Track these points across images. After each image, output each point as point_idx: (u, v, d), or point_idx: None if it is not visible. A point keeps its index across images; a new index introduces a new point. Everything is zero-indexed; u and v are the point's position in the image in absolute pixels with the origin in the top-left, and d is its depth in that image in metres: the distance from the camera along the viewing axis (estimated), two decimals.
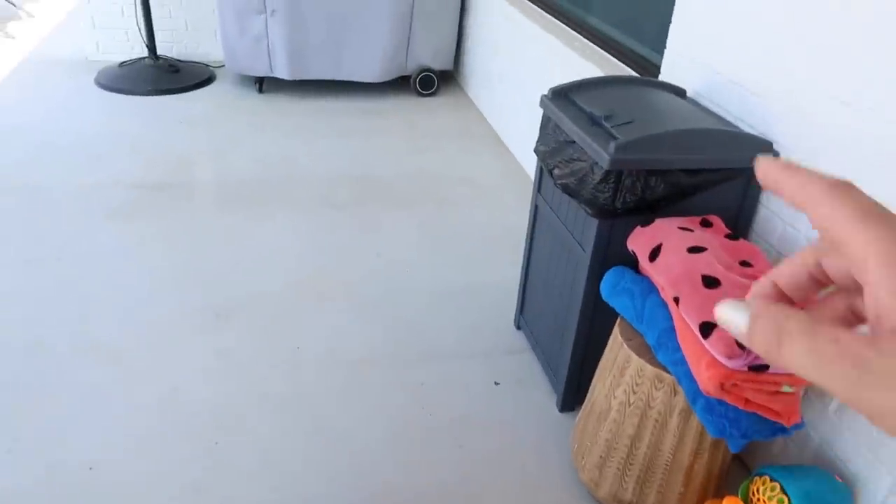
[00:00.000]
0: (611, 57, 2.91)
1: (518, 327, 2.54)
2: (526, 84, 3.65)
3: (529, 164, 3.67)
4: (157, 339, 2.34)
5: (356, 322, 2.51)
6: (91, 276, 2.63)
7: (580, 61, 3.01)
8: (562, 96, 2.07)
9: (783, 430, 1.52)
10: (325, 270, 2.79)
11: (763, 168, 0.32)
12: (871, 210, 0.29)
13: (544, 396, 2.25)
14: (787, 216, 1.81)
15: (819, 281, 0.33)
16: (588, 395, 1.89)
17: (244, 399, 2.13)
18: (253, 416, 2.07)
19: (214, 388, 2.16)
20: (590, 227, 1.87)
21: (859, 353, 0.26)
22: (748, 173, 1.84)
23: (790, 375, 1.44)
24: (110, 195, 3.20)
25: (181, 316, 2.46)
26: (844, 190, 0.30)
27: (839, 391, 0.27)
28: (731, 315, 0.31)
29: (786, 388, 1.44)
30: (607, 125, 1.83)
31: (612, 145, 1.69)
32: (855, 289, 0.30)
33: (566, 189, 1.88)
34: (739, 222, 1.92)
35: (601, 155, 1.72)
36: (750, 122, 1.92)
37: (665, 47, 2.36)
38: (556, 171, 1.94)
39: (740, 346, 1.38)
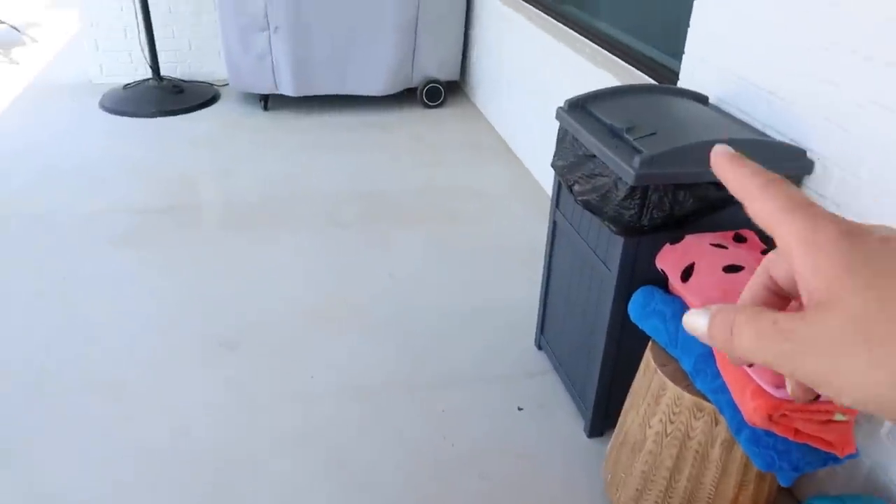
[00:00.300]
0: (624, 63, 2.82)
1: (539, 347, 2.44)
2: (536, 93, 3.57)
3: (541, 174, 3.58)
4: (163, 372, 2.26)
5: (370, 347, 2.42)
6: (95, 305, 2.56)
7: (591, 68, 2.92)
8: (579, 108, 1.97)
9: (835, 459, 1.41)
10: (334, 293, 2.70)
11: (715, 158, 0.35)
12: (796, 202, 0.31)
13: (571, 421, 2.14)
14: None
15: (776, 292, 0.35)
16: (619, 423, 1.79)
17: (256, 435, 2.04)
18: (265, 453, 1.98)
19: (224, 423, 2.08)
20: (615, 246, 1.77)
21: (791, 327, 0.30)
22: None
23: None
24: (115, 220, 3.14)
25: (187, 346, 2.38)
26: (776, 185, 0.32)
27: (783, 367, 0.30)
28: (694, 319, 0.34)
29: (838, 417, 1.34)
30: (629, 138, 1.74)
31: (637, 159, 1.60)
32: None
33: (588, 206, 1.79)
34: None
35: (625, 170, 1.63)
36: (780, 129, 1.82)
37: (683, 52, 2.27)
38: (576, 187, 1.84)
39: None
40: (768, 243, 1.80)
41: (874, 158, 1.54)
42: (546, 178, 3.50)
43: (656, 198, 1.64)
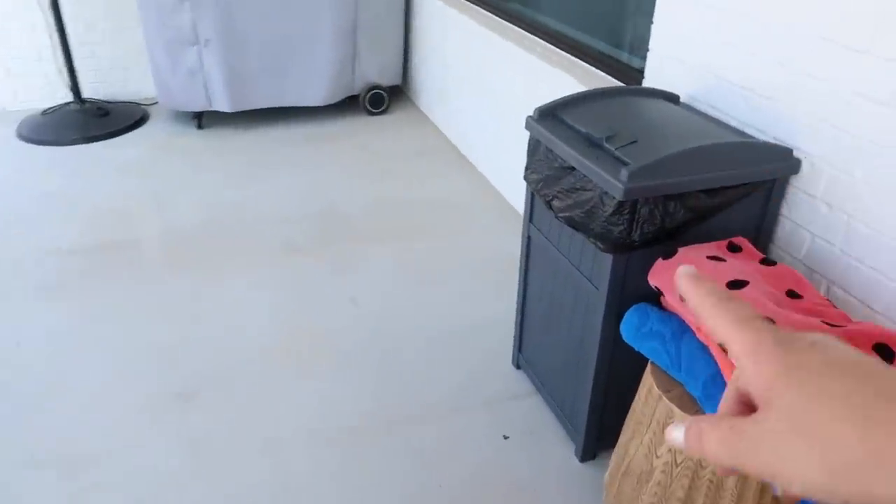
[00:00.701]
0: (581, 62, 2.72)
1: (518, 367, 2.32)
2: (487, 95, 3.44)
3: (500, 181, 3.47)
4: (117, 436, 2.04)
5: (340, 384, 2.25)
6: (29, 371, 2.29)
7: (545, 67, 2.81)
8: (549, 116, 1.85)
9: None
10: (296, 327, 2.51)
11: (679, 280, 0.40)
12: (742, 318, 0.36)
13: (560, 446, 2.03)
14: (816, 228, 1.63)
15: (746, 403, 0.37)
16: (620, 452, 1.68)
17: (224, 496, 1.85)
18: None
19: (190, 489, 1.87)
20: (602, 263, 1.66)
21: (743, 428, 0.34)
22: (769, 186, 1.66)
23: None
24: (42, 266, 2.85)
25: (141, 403, 2.16)
26: (725, 303, 0.37)
27: (744, 466, 0.34)
28: (673, 434, 0.38)
29: None
30: (610, 147, 1.63)
31: (625, 172, 1.48)
32: None
33: (571, 223, 1.67)
34: (760, 238, 1.74)
35: (612, 184, 1.51)
36: (760, 127, 1.74)
37: (639, 47, 2.18)
38: (556, 203, 1.72)
39: None
40: (763, 250, 1.72)
41: (869, 155, 1.47)
42: (506, 186, 3.38)
43: (646, 211, 1.53)
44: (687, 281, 0.40)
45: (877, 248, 1.48)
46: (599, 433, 1.92)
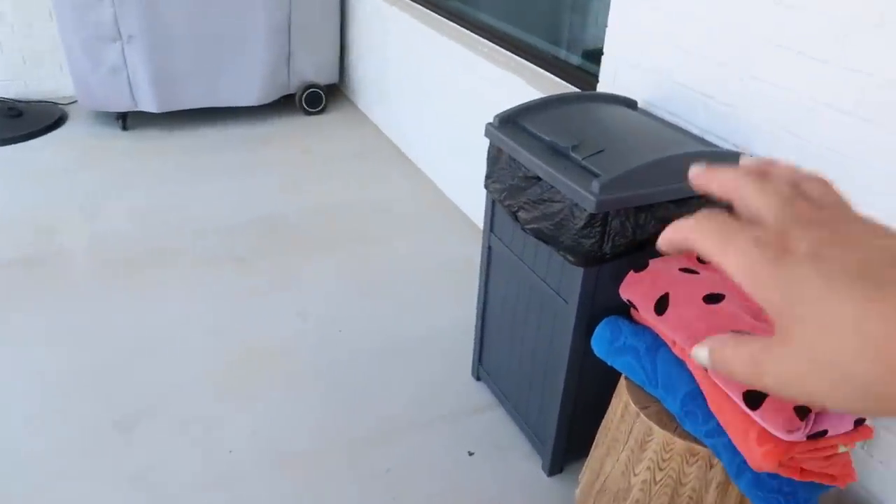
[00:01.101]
0: (528, 63, 2.68)
1: (478, 378, 2.26)
2: (431, 96, 3.36)
3: (446, 184, 3.40)
4: (47, 475, 1.85)
5: (294, 405, 2.13)
6: None
7: (492, 69, 2.75)
8: (510, 123, 1.80)
9: (830, 487, 1.34)
10: (243, 346, 2.37)
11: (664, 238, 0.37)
12: (728, 239, 0.33)
13: (526, 460, 1.98)
14: None
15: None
16: (591, 469, 1.64)
17: None
18: None
19: None
20: (571, 277, 1.61)
21: (765, 357, 0.32)
22: None
23: (846, 434, 1.25)
24: None
25: (73, 437, 1.98)
26: (706, 221, 0.34)
27: (772, 390, 0.33)
28: (698, 354, 0.36)
29: (841, 449, 1.26)
30: (577, 157, 1.58)
31: (597, 184, 1.44)
32: None
33: (540, 235, 1.61)
34: None
35: (583, 196, 1.47)
36: (721, 134, 1.74)
37: (590, 50, 2.16)
38: (522, 214, 1.67)
39: (800, 415, 1.17)
40: None
41: (831, 165, 1.48)
42: (454, 189, 3.32)
43: (618, 223, 1.49)
44: (668, 234, 0.37)
45: None
46: (567, 446, 1.88)
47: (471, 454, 2.00)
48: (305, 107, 4.28)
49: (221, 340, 2.37)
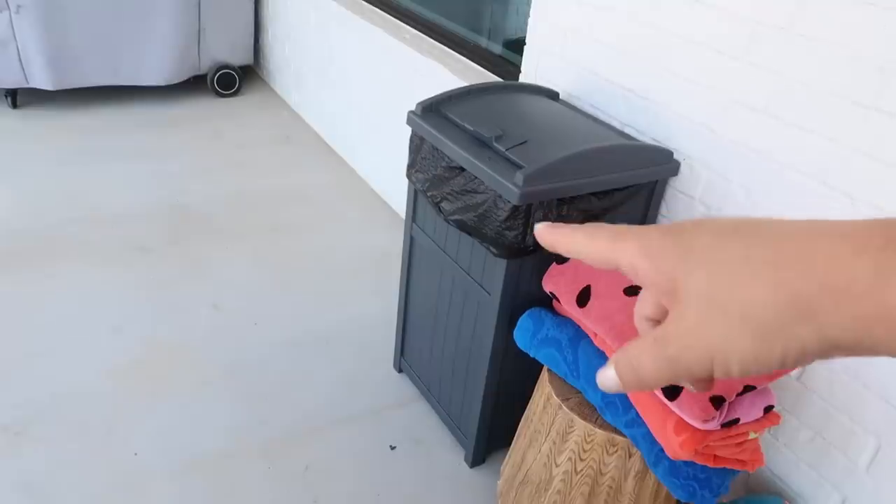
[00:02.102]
0: (452, 51, 2.65)
1: (400, 370, 2.23)
2: (352, 81, 3.27)
3: (368, 172, 3.33)
4: None
5: (204, 403, 2.03)
6: None
7: (416, 55, 2.70)
8: (433, 112, 1.76)
9: (739, 472, 1.40)
10: (153, 341, 2.23)
11: (540, 236, 0.39)
12: (620, 232, 0.36)
13: (449, 452, 1.97)
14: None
15: (658, 322, 0.38)
16: (514, 461, 1.64)
17: None
18: None
19: None
20: (495, 269, 1.60)
21: (663, 333, 0.33)
22: (652, 186, 1.69)
23: (756, 421, 1.30)
24: None
25: None
26: (597, 229, 0.37)
27: (678, 371, 0.33)
28: (606, 375, 0.36)
29: (751, 435, 1.31)
30: (500, 148, 1.56)
31: (520, 176, 1.43)
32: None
33: (463, 227, 1.59)
34: None
35: (506, 187, 1.45)
36: (640, 127, 1.77)
37: (512, 39, 2.15)
38: (444, 205, 1.63)
39: (715, 404, 1.21)
40: None
41: (744, 160, 1.52)
42: (376, 177, 3.25)
43: (540, 215, 1.49)
44: (548, 232, 0.39)
45: None
46: (489, 438, 1.88)
47: (393, 448, 1.97)
48: (217, 88, 4.09)
49: (124, 337, 2.23)
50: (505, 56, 2.42)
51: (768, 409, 1.31)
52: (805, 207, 1.42)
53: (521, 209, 1.46)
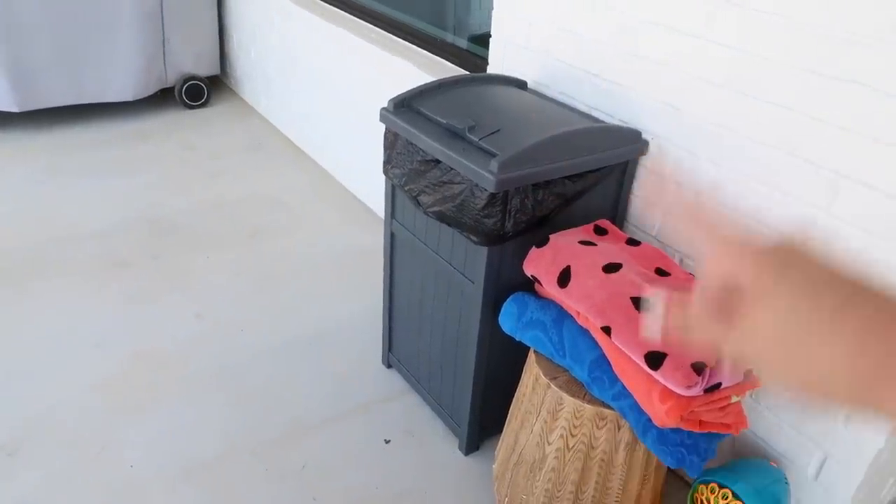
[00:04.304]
0: (417, 48, 2.68)
1: (389, 366, 2.25)
2: (321, 84, 3.28)
3: (342, 173, 3.34)
4: None
5: (195, 411, 2.03)
6: None
7: (383, 55, 2.73)
8: (405, 107, 1.78)
9: (726, 436, 1.44)
10: (135, 353, 2.23)
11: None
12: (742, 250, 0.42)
13: (442, 442, 2.00)
14: (666, 205, 1.73)
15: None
16: (507, 443, 1.68)
17: None
18: None
19: None
20: (476, 257, 1.63)
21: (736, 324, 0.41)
22: (623, 167, 1.73)
23: (736, 385, 1.35)
24: None
25: None
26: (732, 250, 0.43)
27: (733, 355, 0.42)
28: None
29: (734, 399, 1.36)
30: (473, 138, 1.60)
31: (495, 163, 1.46)
32: None
33: (442, 218, 1.62)
34: (617, 218, 1.81)
35: (482, 175, 1.48)
36: (608, 110, 1.81)
37: (477, 34, 2.19)
38: (423, 198, 1.66)
39: (697, 371, 1.25)
40: (620, 229, 1.79)
41: (709, 136, 1.57)
42: (350, 178, 3.27)
43: (517, 201, 1.52)
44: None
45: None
46: (482, 424, 1.91)
47: (387, 442, 1.99)
48: (186, 100, 4.07)
49: (108, 351, 2.22)
50: (471, 50, 2.45)
51: (748, 372, 1.36)
52: (771, 177, 1.47)
53: (497, 196, 1.50)
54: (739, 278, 0.40)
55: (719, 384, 1.30)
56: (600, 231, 1.63)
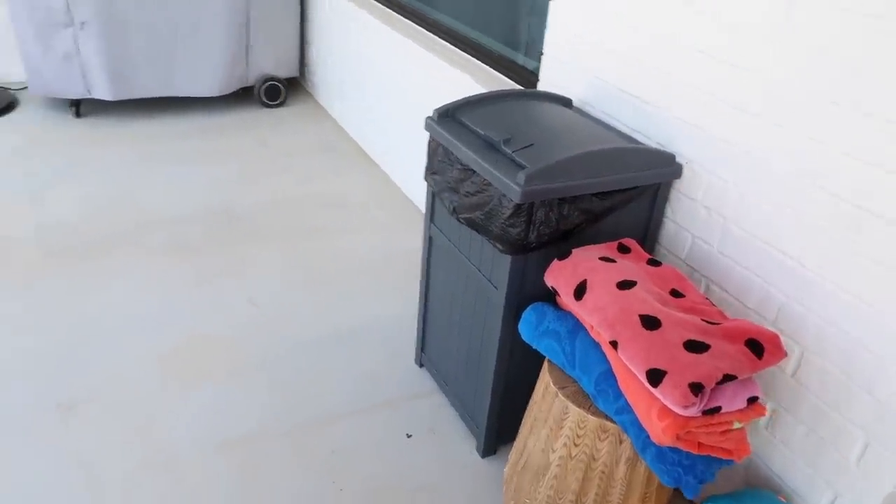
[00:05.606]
0: (479, 62, 2.76)
1: (421, 365, 2.33)
2: (389, 92, 3.42)
3: (401, 178, 3.46)
4: None
5: (239, 390, 2.17)
6: None
7: (445, 66, 2.83)
8: (449, 117, 1.87)
9: (730, 462, 1.45)
10: (188, 332, 2.40)
11: None
12: None
13: (462, 442, 2.06)
14: (696, 230, 1.75)
15: None
16: (517, 448, 1.73)
17: None
18: None
19: None
20: (501, 265, 1.69)
21: None
22: (654, 189, 1.76)
23: (740, 411, 1.36)
24: None
25: (16, 416, 1.99)
26: None
27: None
28: None
29: (736, 425, 1.36)
30: (508, 150, 1.66)
31: (522, 176, 1.52)
32: None
33: (472, 224, 1.69)
34: (647, 239, 1.84)
35: (510, 187, 1.55)
36: (648, 133, 1.84)
37: (536, 50, 2.25)
38: (456, 205, 1.74)
39: (694, 391, 1.27)
40: (650, 251, 1.82)
41: (739, 162, 1.58)
42: (408, 183, 3.39)
43: (542, 214, 1.58)
44: None
45: (748, 249, 1.61)
46: (500, 429, 1.97)
47: (409, 436, 2.07)
48: (265, 99, 4.31)
49: (167, 328, 2.40)
50: (526, 66, 2.51)
51: (753, 399, 1.36)
52: (795, 204, 1.47)
53: (523, 207, 1.56)
54: None
55: (719, 407, 1.32)
56: (623, 249, 1.66)
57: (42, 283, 2.57)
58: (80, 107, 3.91)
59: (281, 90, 4.32)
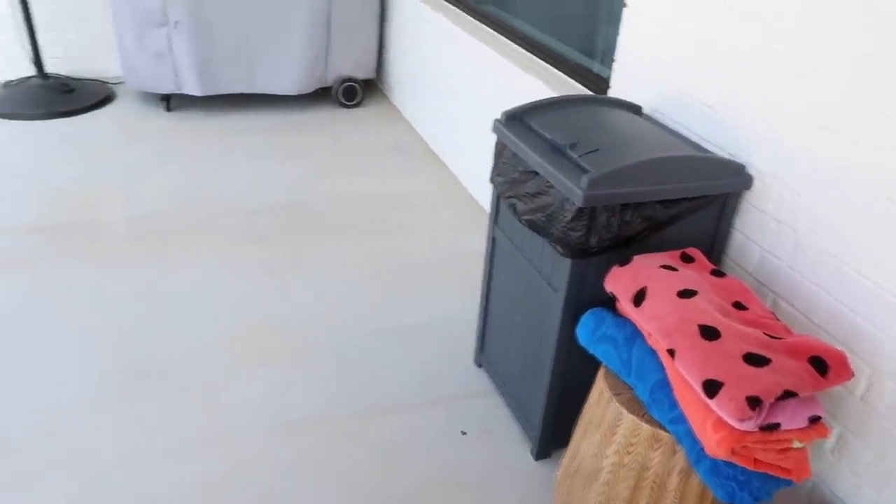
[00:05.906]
0: (552, 68, 2.77)
1: (479, 365, 2.36)
2: (460, 95, 3.47)
3: (469, 180, 3.50)
4: (65, 417, 2.02)
5: (300, 376, 2.26)
6: None
7: (518, 72, 2.85)
8: (516, 120, 1.89)
9: (788, 483, 1.40)
10: (256, 317, 2.51)
11: None
12: None
13: (516, 444, 2.07)
14: (766, 243, 1.70)
15: None
16: (570, 452, 1.73)
17: (174, 481, 1.85)
18: (186, 502, 1.80)
19: (136, 470, 1.87)
20: (561, 267, 1.70)
21: None
22: (722, 199, 1.72)
23: (800, 430, 1.32)
24: None
25: (93, 383, 2.14)
26: None
27: None
28: None
29: (796, 444, 1.32)
30: (573, 155, 1.67)
31: (585, 180, 1.53)
32: None
33: (533, 226, 1.71)
34: (714, 250, 1.80)
35: (573, 190, 1.55)
36: (718, 142, 1.80)
37: (610, 58, 2.23)
38: (519, 206, 1.76)
39: (752, 405, 1.24)
40: (716, 262, 1.78)
41: (813, 177, 1.53)
42: (475, 185, 3.42)
43: (604, 219, 1.58)
44: None
45: (818, 265, 1.55)
46: (554, 432, 1.97)
47: (463, 434, 2.10)
48: (342, 100, 4.43)
49: (239, 312, 2.52)
50: (599, 73, 2.50)
51: (815, 419, 1.32)
52: (873, 221, 1.41)
53: (584, 211, 1.56)
54: None
55: (778, 424, 1.28)
56: (687, 259, 1.63)
57: (128, 263, 2.74)
58: (170, 101, 4.14)
59: (358, 91, 4.43)
